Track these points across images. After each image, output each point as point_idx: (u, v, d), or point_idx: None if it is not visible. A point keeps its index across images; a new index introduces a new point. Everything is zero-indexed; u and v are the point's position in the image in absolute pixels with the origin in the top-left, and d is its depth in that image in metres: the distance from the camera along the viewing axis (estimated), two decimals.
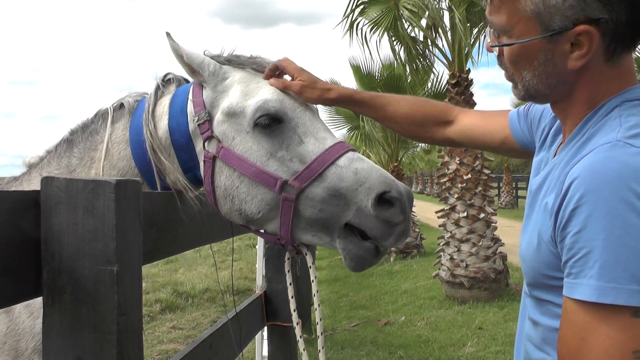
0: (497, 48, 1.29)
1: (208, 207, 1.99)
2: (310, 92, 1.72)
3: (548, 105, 1.40)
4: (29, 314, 1.63)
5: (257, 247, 5.48)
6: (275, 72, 1.75)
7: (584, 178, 1.04)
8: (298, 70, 1.75)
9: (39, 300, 1.21)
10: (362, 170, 1.56)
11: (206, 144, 1.68)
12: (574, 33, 1.12)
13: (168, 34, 1.69)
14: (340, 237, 1.56)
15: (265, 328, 3.41)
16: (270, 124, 1.62)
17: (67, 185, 1.17)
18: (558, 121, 1.40)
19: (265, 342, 3.58)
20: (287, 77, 1.78)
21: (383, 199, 1.51)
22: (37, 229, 1.18)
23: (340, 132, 13.95)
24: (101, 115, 1.85)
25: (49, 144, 1.90)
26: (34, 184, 1.80)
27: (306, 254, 1.69)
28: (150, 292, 9.16)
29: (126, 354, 1.17)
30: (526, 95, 1.28)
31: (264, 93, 1.68)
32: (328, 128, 1.72)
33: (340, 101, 1.83)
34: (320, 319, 1.74)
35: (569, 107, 1.25)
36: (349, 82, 13.99)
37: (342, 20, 9.49)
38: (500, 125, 1.74)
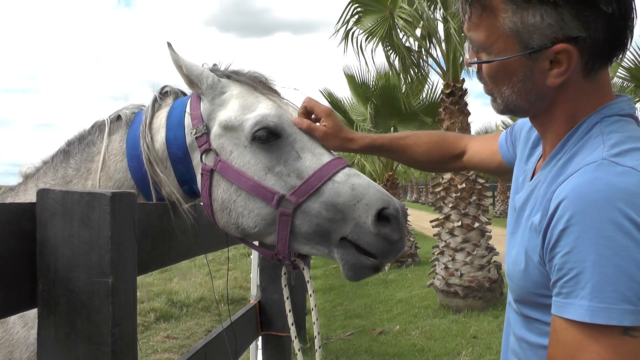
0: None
1: (202, 218, 2.00)
2: (333, 140, 1.73)
3: (527, 119, 1.40)
4: (23, 324, 1.64)
5: (251, 256, 5.48)
6: (306, 113, 1.76)
7: (572, 199, 1.05)
8: (325, 113, 1.75)
9: (33, 311, 1.22)
10: (360, 186, 1.57)
11: (204, 156, 1.69)
12: (552, 51, 1.13)
13: (169, 44, 1.70)
14: (338, 247, 1.58)
15: (260, 337, 3.41)
16: (268, 138, 1.63)
17: (63, 198, 1.18)
18: (535, 132, 1.40)
19: (260, 352, 3.57)
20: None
21: (381, 216, 1.53)
22: (33, 240, 1.19)
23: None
24: (98, 127, 1.86)
25: (44, 152, 1.91)
26: (30, 195, 1.81)
27: (303, 269, 1.70)
28: (145, 302, 9.12)
29: None
30: (505, 109, 1.29)
31: (263, 108, 1.69)
32: (324, 145, 1.73)
33: (361, 151, 1.86)
34: (318, 333, 1.75)
35: (548, 121, 1.26)
36: (344, 91, 14.04)
37: (337, 30, 9.54)
38: (493, 151, 1.77)
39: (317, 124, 1.74)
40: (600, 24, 1.10)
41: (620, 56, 1.18)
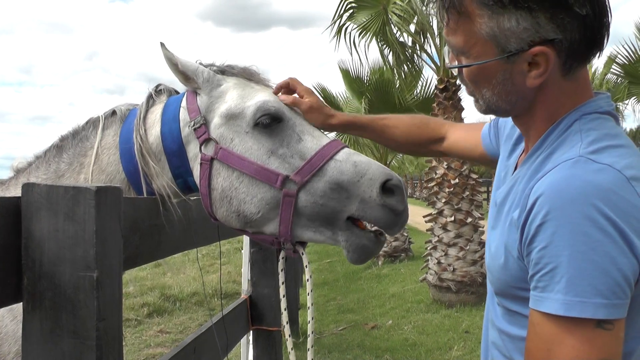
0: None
1: (194, 212, 2.00)
2: (317, 115, 1.77)
3: None
4: (12, 317, 1.64)
5: (243, 251, 5.49)
6: (283, 88, 1.81)
7: (549, 195, 1.07)
8: (307, 91, 1.81)
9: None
10: (361, 162, 1.62)
11: (203, 147, 1.71)
12: (530, 54, 1.15)
13: (162, 44, 1.73)
14: (342, 229, 1.61)
15: (251, 332, 3.41)
16: (270, 123, 1.68)
17: (48, 192, 1.18)
18: (518, 130, 1.42)
19: (251, 347, 3.58)
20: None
21: (385, 187, 1.58)
22: (19, 234, 1.19)
23: (332, 134, 13.96)
24: (92, 123, 1.88)
25: (39, 146, 1.92)
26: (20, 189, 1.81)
27: (302, 254, 1.72)
28: (138, 296, 9.12)
29: (106, 359, 1.18)
30: (487, 110, 1.31)
31: (262, 95, 1.74)
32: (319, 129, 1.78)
33: (341, 126, 1.88)
34: (312, 318, 1.75)
35: (529, 120, 1.28)
36: (339, 86, 14.02)
37: (331, 25, 9.53)
38: (476, 141, 1.80)
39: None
40: (575, 25, 1.13)
41: (599, 54, 1.20)
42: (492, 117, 1.64)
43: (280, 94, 1.80)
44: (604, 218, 1.02)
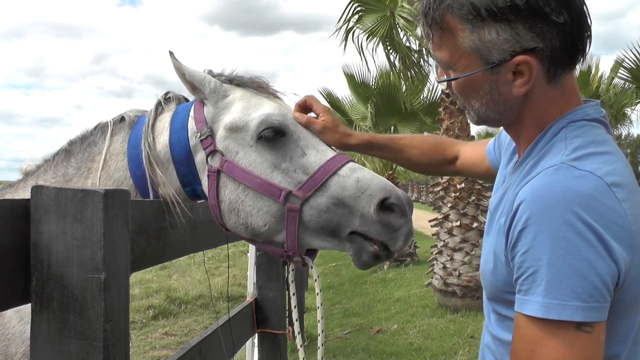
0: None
1: (200, 215, 2.01)
2: (331, 134, 1.78)
3: None
4: (19, 319, 1.65)
5: (249, 254, 5.49)
6: (303, 108, 1.81)
7: (530, 201, 1.10)
8: (324, 110, 1.81)
9: (29, 306, 1.23)
10: (364, 178, 1.62)
11: (209, 158, 1.72)
12: (513, 63, 1.18)
13: (171, 53, 1.74)
14: (348, 240, 1.62)
15: (256, 335, 3.41)
16: (274, 137, 1.68)
17: (57, 194, 1.19)
18: None
19: (256, 350, 3.59)
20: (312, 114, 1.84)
21: (384, 206, 1.58)
22: (27, 236, 1.20)
23: None
24: (101, 128, 1.89)
25: (46, 148, 1.93)
26: (29, 192, 1.82)
27: (312, 267, 1.73)
28: (144, 298, 9.14)
29: None
30: (479, 120, 1.34)
31: (267, 108, 1.73)
32: (324, 139, 1.77)
33: (359, 147, 1.90)
34: (322, 331, 1.79)
35: (519, 129, 1.31)
36: (346, 90, 14.04)
37: (339, 29, 9.54)
38: (482, 156, 1.83)
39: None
40: (555, 33, 1.15)
41: (582, 59, 1.23)
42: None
43: (296, 113, 1.79)
44: (583, 223, 1.04)
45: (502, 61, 1.19)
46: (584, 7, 1.19)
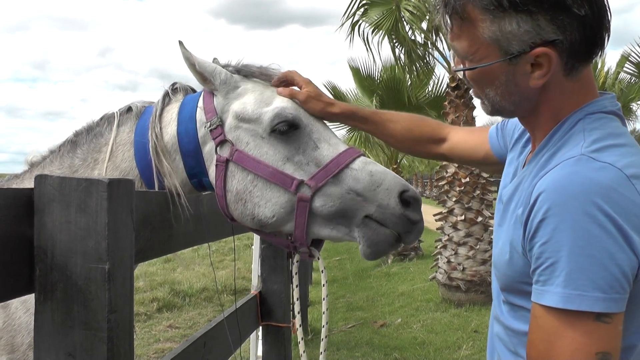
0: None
1: (205, 208, 2.01)
2: (315, 103, 1.77)
3: None
4: (25, 310, 1.65)
5: (253, 247, 5.49)
6: (282, 81, 1.81)
7: (551, 192, 1.11)
8: (305, 81, 1.81)
9: None
10: (377, 172, 1.63)
11: (218, 148, 1.71)
12: (532, 55, 1.19)
13: (181, 43, 1.73)
14: (359, 225, 1.62)
15: (260, 328, 3.42)
16: (287, 130, 1.68)
17: (61, 184, 1.18)
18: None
19: (260, 342, 3.59)
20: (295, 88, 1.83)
21: (402, 198, 1.59)
22: (31, 226, 1.19)
23: (340, 133, 13.95)
24: (107, 119, 1.89)
25: (51, 141, 1.92)
26: None
27: (318, 258, 1.74)
28: (148, 291, 9.16)
29: (116, 351, 1.18)
30: (493, 110, 1.34)
31: (280, 101, 1.73)
32: (337, 136, 1.78)
33: (342, 116, 1.88)
34: (327, 323, 1.80)
35: (534, 121, 1.31)
36: (351, 83, 14.00)
37: (344, 22, 9.51)
38: (482, 141, 1.81)
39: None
40: (575, 26, 1.16)
41: (600, 53, 1.23)
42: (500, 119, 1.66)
43: (279, 88, 1.79)
44: (604, 215, 1.05)
45: (521, 52, 1.19)
46: (606, 0, 1.19)
